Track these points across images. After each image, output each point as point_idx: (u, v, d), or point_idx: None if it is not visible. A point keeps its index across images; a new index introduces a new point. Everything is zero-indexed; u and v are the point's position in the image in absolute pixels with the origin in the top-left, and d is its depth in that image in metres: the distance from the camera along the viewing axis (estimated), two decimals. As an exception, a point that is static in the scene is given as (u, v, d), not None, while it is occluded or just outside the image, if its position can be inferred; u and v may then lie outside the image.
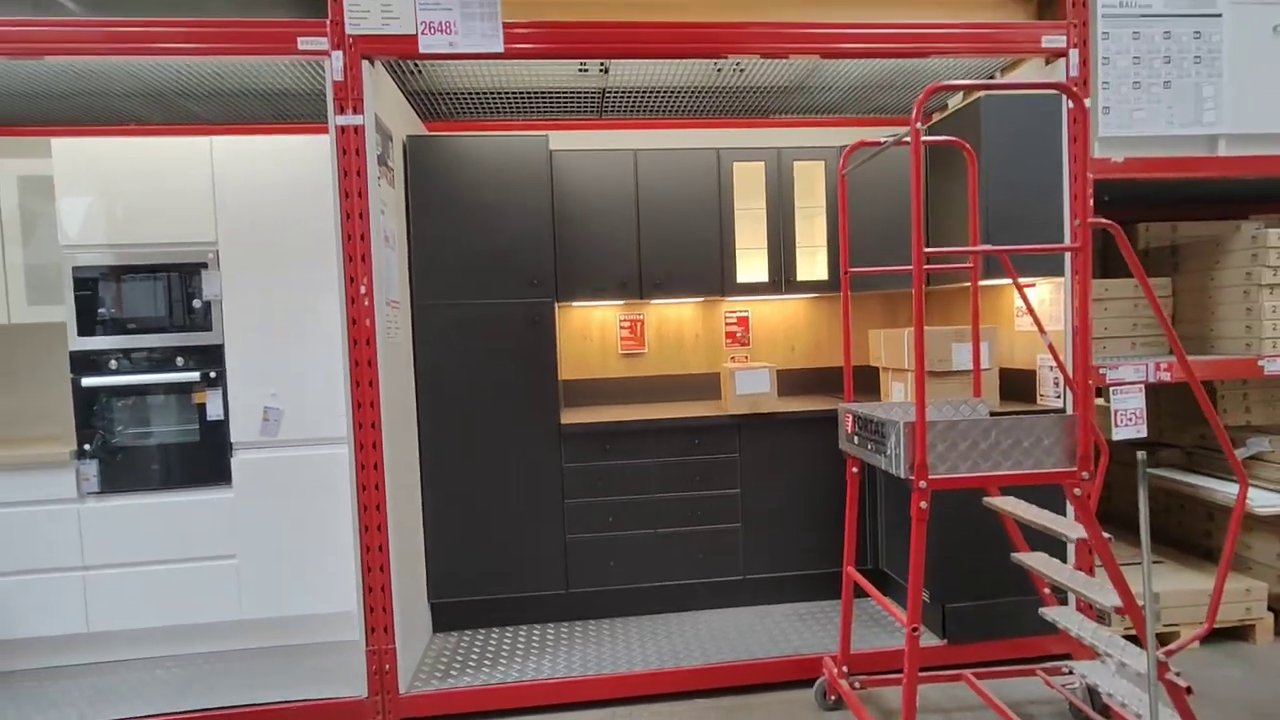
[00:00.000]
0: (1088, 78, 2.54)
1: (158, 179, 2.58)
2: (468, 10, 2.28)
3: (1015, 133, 2.63)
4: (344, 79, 2.24)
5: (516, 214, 2.71)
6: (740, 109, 3.25)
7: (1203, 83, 2.66)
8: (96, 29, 2.17)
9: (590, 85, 2.84)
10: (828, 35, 2.45)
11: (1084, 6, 2.54)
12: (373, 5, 2.25)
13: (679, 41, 2.40)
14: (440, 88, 2.79)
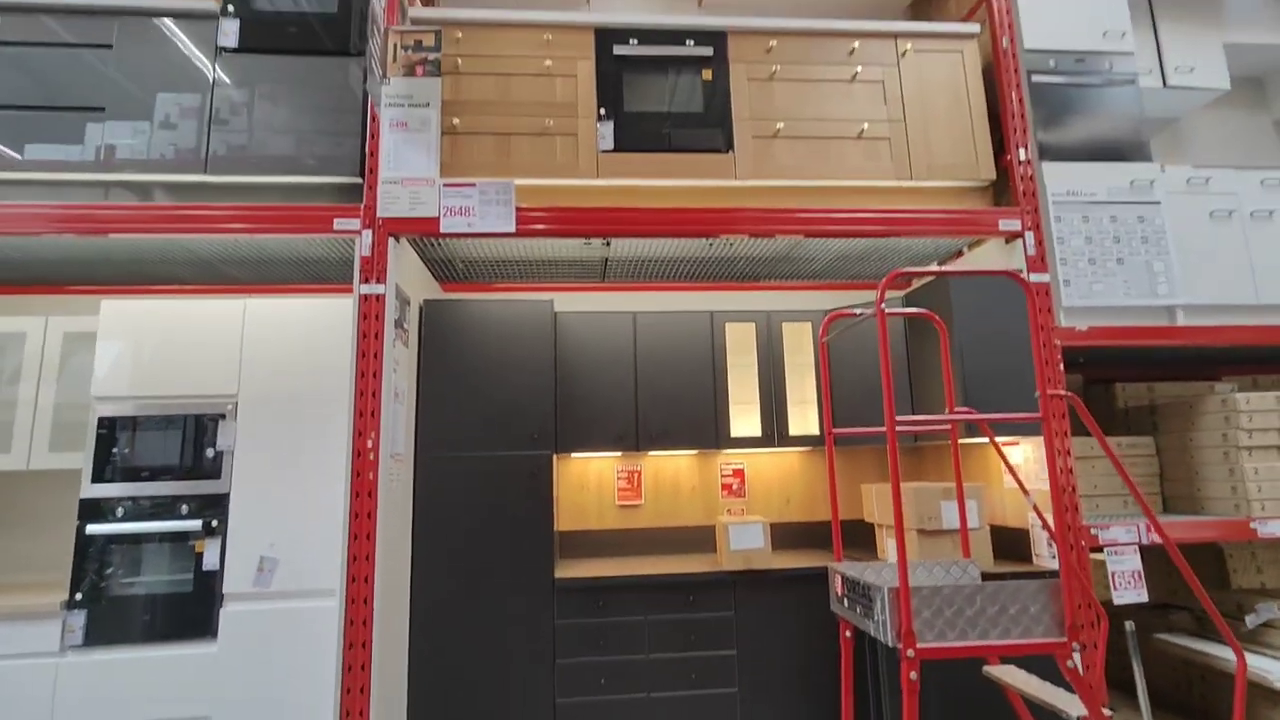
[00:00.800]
0: (1044, 255, 2.81)
1: (191, 337, 2.80)
2: (485, 198, 2.60)
3: (985, 300, 2.86)
4: (371, 254, 2.51)
5: (521, 371, 2.90)
6: (731, 275, 3.54)
7: (1152, 260, 2.92)
8: (159, 212, 2.48)
9: (594, 255, 3.14)
10: (809, 219, 2.76)
11: (1034, 196, 2.86)
12: (403, 193, 2.57)
13: (674, 224, 2.70)
14: (458, 256, 3.08)
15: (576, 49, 2.82)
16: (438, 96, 2.65)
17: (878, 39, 2.98)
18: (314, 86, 2.64)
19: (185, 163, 2.56)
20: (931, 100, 2.95)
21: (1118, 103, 3.05)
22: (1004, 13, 2.99)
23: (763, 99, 2.87)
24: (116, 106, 2.59)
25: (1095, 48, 3.08)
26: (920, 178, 2.87)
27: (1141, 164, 2.98)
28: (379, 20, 2.52)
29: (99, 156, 2.54)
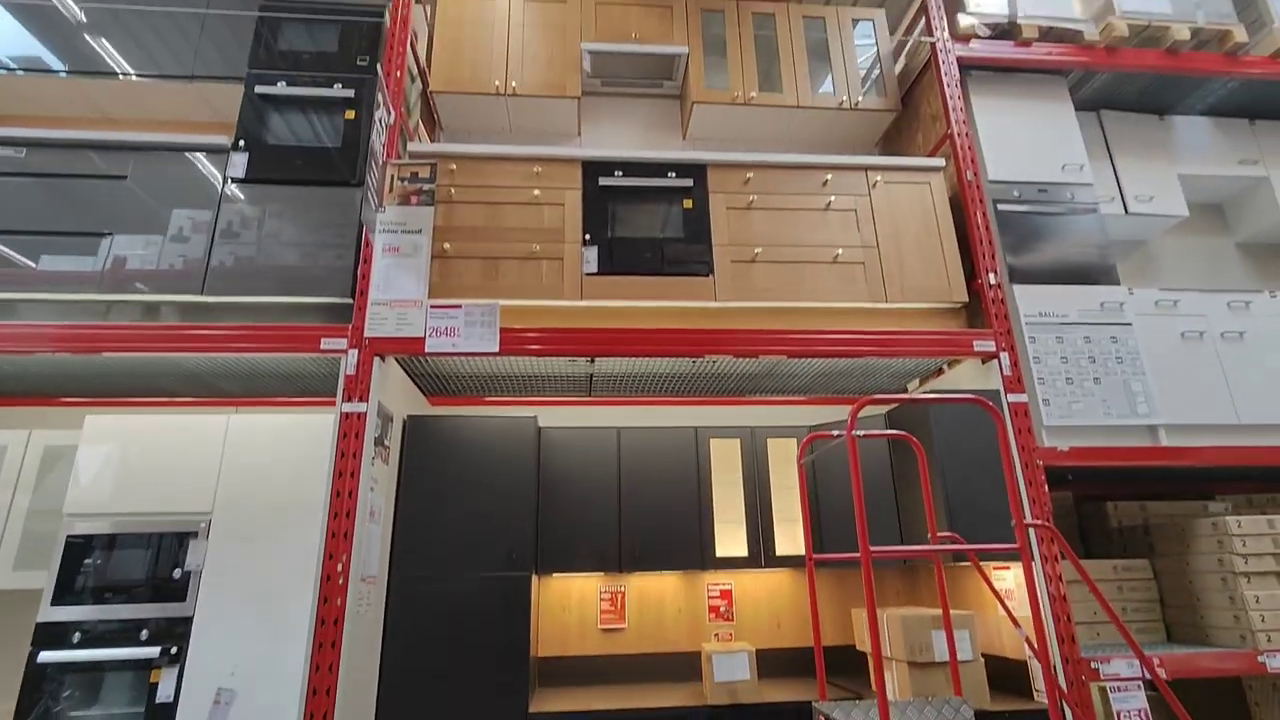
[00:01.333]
0: (1020, 376, 2.86)
1: (171, 452, 2.80)
2: (470, 319, 2.68)
3: (966, 418, 2.88)
4: (355, 373, 2.56)
5: (502, 489, 2.88)
6: (716, 390, 3.58)
7: (1129, 379, 2.97)
8: (153, 332, 2.56)
9: (580, 372, 3.20)
10: (790, 340, 2.83)
11: (1006, 318, 2.95)
12: (390, 314, 2.66)
13: (657, 345, 2.77)
14: (443, 372, 3.13)
15: (564, 180, 3.01)
16: (430, 223, 2.79)
17: (849, 171, 3.17)
18: (314, 213, 2.78)
19: (191, 274, 2.66)
20: (903, 227, 3.10)
21: (1082, 229, 3.20)
22: (966, 149, 3.20)
23: (741, 226, 3.02)
24: (131, 224, 2.73)
25: (1056, 179, 3.28)
26: (895, 300, 2.97)
27: (1110, 287, 3.09)
28: (378, 155, 2.70)
29: (104, 267, 2.65)
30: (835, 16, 3.83)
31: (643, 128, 3.93)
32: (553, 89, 3.50)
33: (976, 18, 3.40)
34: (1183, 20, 3.43)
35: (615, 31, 3.63)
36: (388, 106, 2.84)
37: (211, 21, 3.23)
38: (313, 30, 3.11)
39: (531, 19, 3.63)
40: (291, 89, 2.95)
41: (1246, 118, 3.85)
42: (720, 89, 3.61)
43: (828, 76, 3.70)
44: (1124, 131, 3.71)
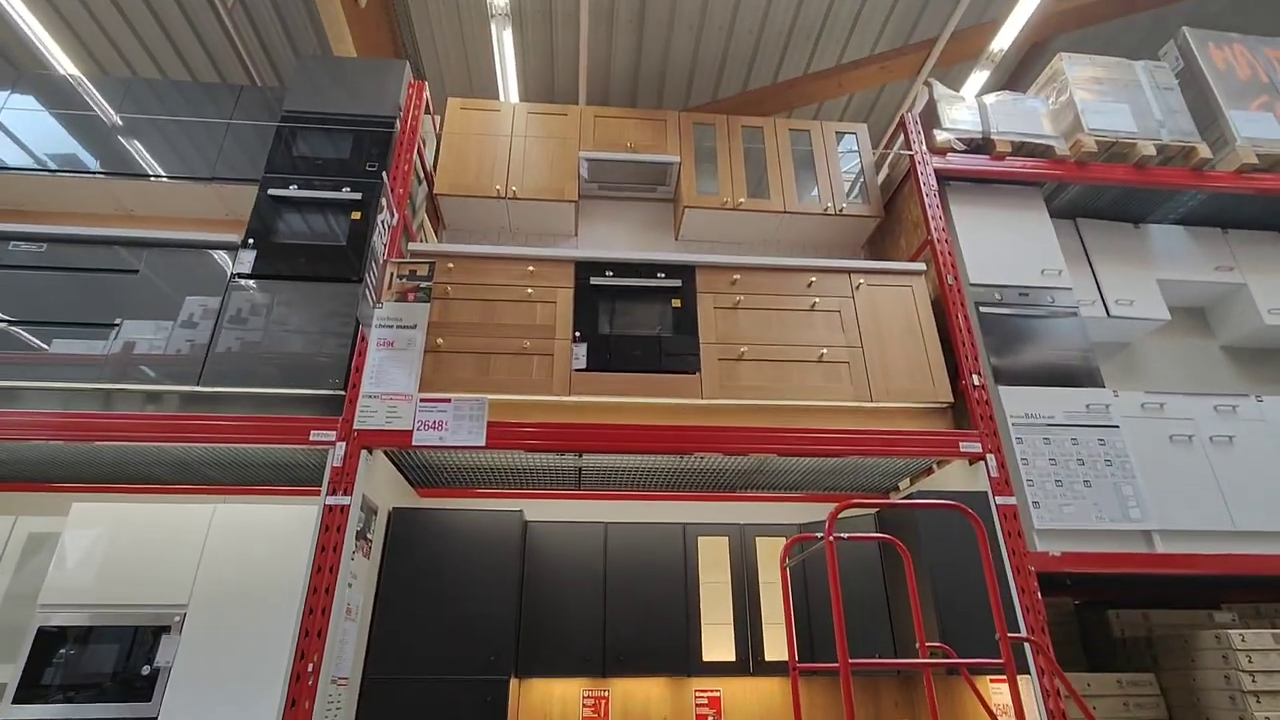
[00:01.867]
0: (1008, 478, 2.85)
1: (154, 543, 2.79)
2: (459, 413, 2.73)
3: (955, 521, 2.85)
4: (342, 465, 2.59)
5: (484, 587, 2.83)
6: (705, 486, 3.57)
7: (1120, 483, 2.95)
8: (147, 422, 2.61)
9: (568, 465, 3.21)
10: (779, 439, 2.86)
11: (991, 420, 2.97)
12: (380, 407, 2.71)
13: (644, 441, 2.79)
14: (432, 464, 3.15)
15: (558, 278, 3.13)
16: (425, 319, 2.89)
17: (833, 274, 3.29)
18: (315, 307, 2.89)
19: (193, 361, 2.74)
20: (886, 328, 3.18)
21: (1064, 332, 3.28)
22: (946, 254, 3.33)
23: (728, 325, 3.11)
24: (144, 310, 2.84)
25: (1036, 283, 3.38)
26: (880, 399, 3.01)
27: (1095, 389, 3.13)
28: (379, 255, 2.84)
29: (110, 352, 2.73)
30: (820, 130, 4.08)
31: (637, 228, 4.11)
32: (552, 193, 3.70)
33: (952, 133, 3.61)
34: (1148, 138, 3.63)
35: (612, 141, 3.87)
36: (391, 209, 3.00)
37: (234, 128, 3.47)
38: (328, 138, 3.33)
39: (534, 129, 3.88)
40: (302, 192, 3.13)
41: (1219, 227, 4.00)
42: (711, 195, 3.80)
43: (813, 184, 3.90)
44: (1101, 239, 3.85)
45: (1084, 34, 5.31)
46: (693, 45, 5.20)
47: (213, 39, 5.09)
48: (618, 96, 5.66)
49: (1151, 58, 4.12)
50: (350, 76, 3.51)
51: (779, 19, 5.05)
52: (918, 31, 5.20)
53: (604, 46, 5.21)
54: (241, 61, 5.13)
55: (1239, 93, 3.82)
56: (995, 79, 5.69)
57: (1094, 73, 3.81)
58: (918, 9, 5.05)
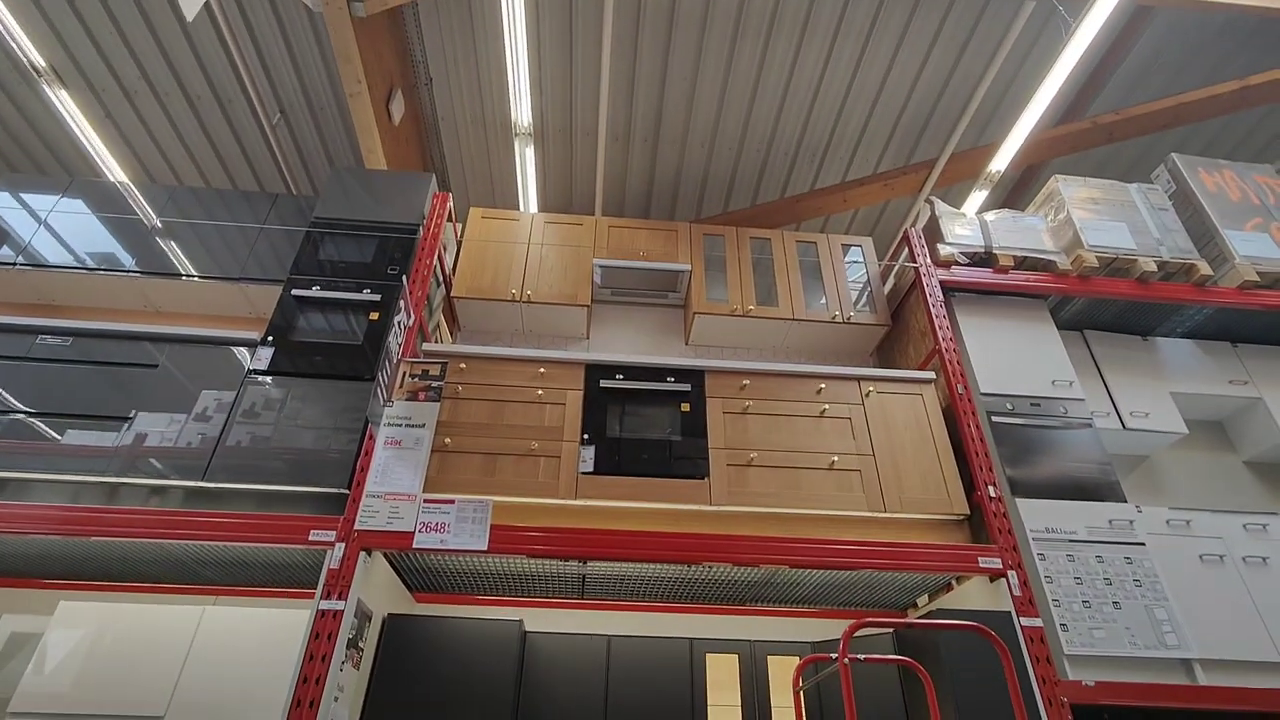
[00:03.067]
0: (1032, 597, 2.71)
1: (138, 645, 2.68)
2: (462, 515, 2.67)
3: (980, 646, 2.68)
4: (339, 568, 2.51)
5: (478, 703, 2.66)
6: (714, 597, 3.42)
7: (1152, 605, 2.80)
8: (144, 517, 2.57)
9: (571, 572, 3.10)
10: (790, 550, 2.76)
11: (1010, 533, 2.87)
12: (383, 507, 2.66)
13: (651, 549, 2.71)
14: (432, 568, 3.05)
15: (568, 381, 3.15)
16: (434, 419, 2.90)
17: (842, 381, 3.30)
18: (328, 404, 2.91)
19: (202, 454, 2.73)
20: (898, 436, 3.15)
21: (1079, 443, 3.22)
22: (955, 363, 3.34)
23: (737, 430, 3.09)
24: (160, 403, 2.87)
25: (1047, 393, 3.37)
26: (894, 509, 2.93)
27: (1116, 504, 3.03)
28: (393, 355, 2.89)
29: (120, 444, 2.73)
30: (826, 242, 4.22)
31: (648, 332, 4.18)
32: (565, 298, 3.80)
33: (955, 247, 3.72)
34: (1148, 254, 3.72)
35: (625, 250, 4.02)
36: (408, 311, 3.08)
37: (267, 232, 3.65)
38: (353, 243, 3.48)
39: (550, 237, 4.04)
40: (324, 292, 3.24)
41: (1228, 341, 4.01)
42: (720, 301, 3.89)
43: (821, 293, 3.99)
44: (1110, 351, 3.86)
45: (1077, 158, 5.57)
46: (704, 161, 5.50)
47: (256, 151, 5.46)
48: (632, 208, 5.93)
49: (1144, 180, 4.29)
50: (379, 187, 3.72)
51: (786, 139, 5.35)
52: (918, 152, 5.48)
53: (620, 162, 5.52)
54: (280, 172, 5.47)
55: (1232, 214, 3.95)
56: (994, 198, 5.93)
57: (1089, 193, 3.96)
58: (917, 132, 5.35)
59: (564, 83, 4.93)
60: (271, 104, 5.11)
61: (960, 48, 4.79)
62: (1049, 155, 5.14)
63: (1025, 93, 4.78)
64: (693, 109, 5.10)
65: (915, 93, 5.06)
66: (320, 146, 5.44)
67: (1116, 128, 4.95)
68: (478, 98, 5.05)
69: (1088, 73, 5.08)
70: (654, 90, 4.99)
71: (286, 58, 4.81)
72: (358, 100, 4.16)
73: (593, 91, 4.95)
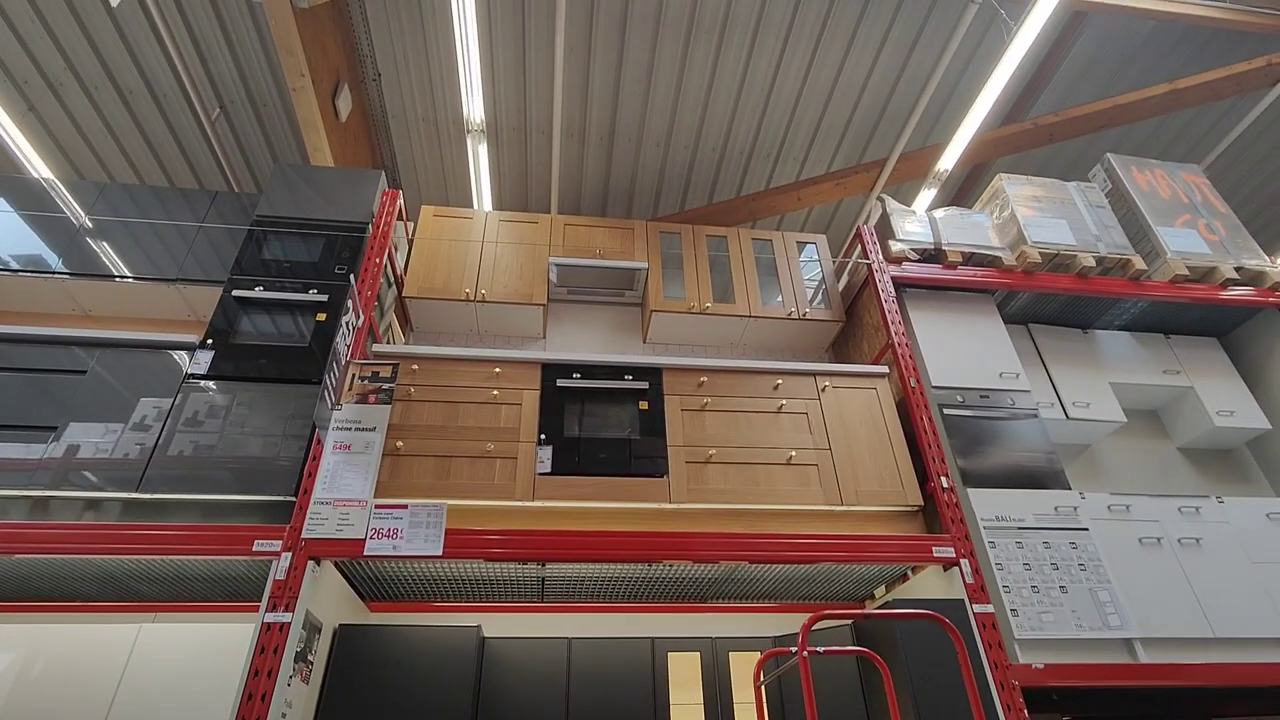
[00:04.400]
0: (984, 584, 2.78)
1: (70, 668, 2.53)
2: (416, 520, 2.60)
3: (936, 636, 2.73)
4: (286, 578, 2.42)
5: (435, 713, 2.59)
6: (675, 595, 3.41)
7: (1096, 588, 2.89)
8: (74, 532, 2.43)
9: (530, 575, 3.05)
10: (750, 545, 2.77)
11: (963, 522, 2.93)
12: (332, 514, 2.57)
13: (611, 548, 2.69)
14: (385, 575, 2.97)
15: (523, 380, 3.10)
16: (385, 422, 2.82)
17: (799, 376, 3.33)
18: (274, 409, 2.80)
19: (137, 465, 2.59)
20: (853, 431, 3.19)
21: (1026, 434, 3.32)
22: (907, 357, 3.41)
23: (695, 427, 3.09)
24: (94, 412, 2.71)
25: (995, 385, 3.46)
26: (850, 502, 2.96)
27: (1061, 491, 3.13)
28: (341, 356, 2.79)
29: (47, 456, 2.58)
30: (781, 240, 4.26)
31: (605, 331, 4.15)
32: (521, 297, 3.74)
33: (906, 244, 3.79)
34: (1087, 250, 3.85)
35: (581, 248, 3.98)
36: (357, 312, 2.99)
37: (207, 231, 3.49)
38: (298, 242, 3.36)
39: (505, 236, 3.98)
40: (267, 293, 3.11)
41: (1162, 333, 4.19)
42: (677, 299, 3.89)
43: (777, 291, 4.03)
44: (1053, 343, 3.99)
45: (1020, 157, 5.76)
46: (660, 160, 5.50)
47: (194, 147, 5.23)
48: (589, 207, 5.89)
49: (1082, 179, 4.45)
50: (326, 183, 3.60)
51: (741, 138, 5.39)
52: (869, 152, 5.58)
53: (576, 160, 5.48)
54: (221, 169, 5.26)
55: (1163, 211, 4.13)
56: (942, 195, 6.08)
57: (1032, 191, 4.09)
58: (868, 132, 5.45)
59: (517, 79, 4.86)
60: (210, 98, 4.91)
61: (908, 49, 4.90)
62: (993, 155, 5.30)
63: (970, 94, 4.91)
64: (648, 107, 5.09)
65: (866, 94, 5.16)
66: (263, 143, 5.25)
67: (1056, 128, 5.13)
68: (429, 94, 4.94)
69: (1029, 76, 5.26)
70: (609, 88, 4.96)
71: (225, 50, 4.62)
72: (302, 95, 4.03)
73: (547, 88, 4.90)
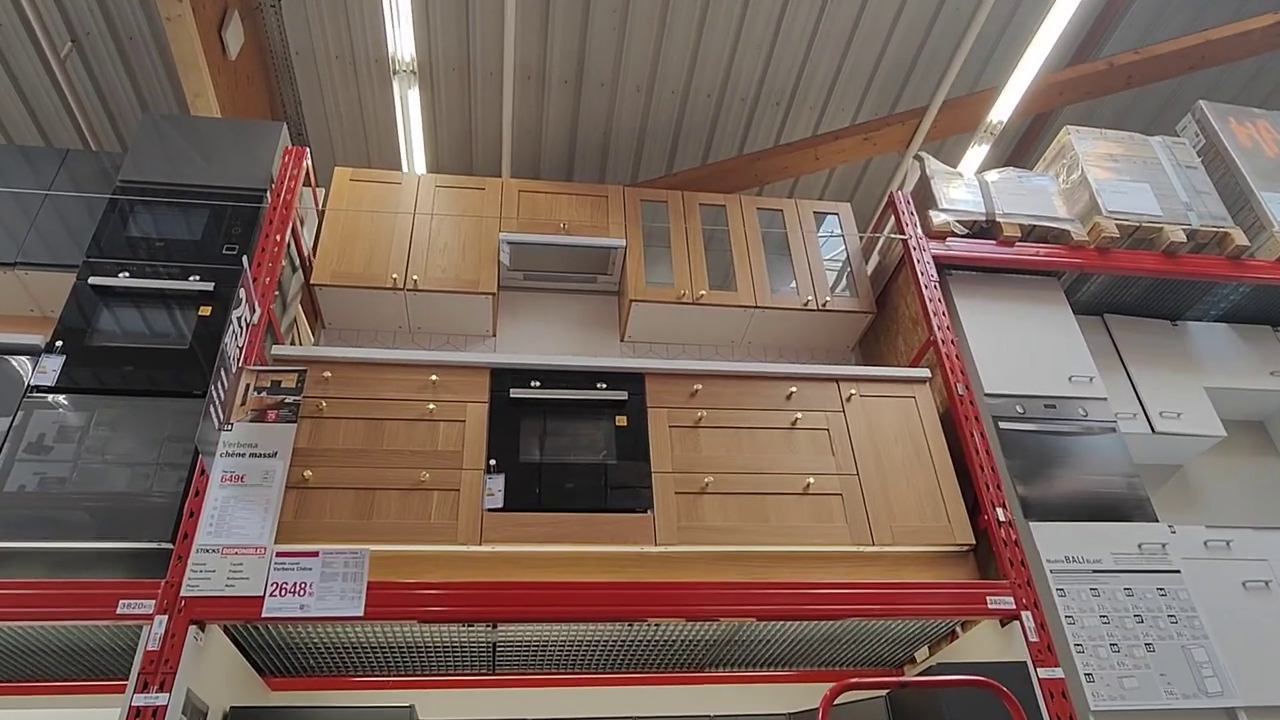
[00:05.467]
0: (1050, 643, 2.81)
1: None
2: (330, 571, 2.59)
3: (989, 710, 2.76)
4: (160, 648, 2.38)
5: (354, 818, 2.58)
6: (663, 664, 3.42)
7: (1190, 645, 2.94)
8: (-120, 592, 2.38)
9: (478, 640, 3.04)
10: (758, 597, 2.78)
11: (1024, 565, 2.97)
12: (220, 565, 2.55)
13: (580, 604, 2.69)
14: (290, 643, 2.94)
15: (468, 391, 3.10)
16: (289, 445, 2.80)
17: (818, 382, 3.36)
18: (138, 431, 2.77)
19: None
20: (886, 451, 3.22)
21: (1102, 452, 3.37)
22: (953, 357, 3.45)
23: (687, 448, 3.10)
24: None
25: (1064, 393, 3.51)
26: (883, 542, 2.99)
27: (1146, 524, 3.18)
28: (231, 361, 2.77)
29: None
30: (795, 210, 4.29)
31: (571, 327, 4.16)
32: (463, 284, 3.74)
33: (950, 214, 3.84)
34: (1175, 221, 3.93)
35: (541, 221, 3.98)
36: (252, 303, 2.97)
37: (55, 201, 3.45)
38: (175, 214, 3.33)
39: (443, 206, 3.97)
40: (135, 280, 3.09)
41: (1269, 324, 4.27)
42: (664, 286, 3.91)
43: (790, 274, 4.05)
44: (1136, 339, 4.06)
45: (1092, 106, 5.85)
46: (641, 110, 5.52)
47: (36, 93, 5.17)
48: (551, 168, 5.90)
49: (1169, 133, 4.53)
50: (211, 139, 3.58)
51: (743, 82, 5.43)
52: (904, 99, 5.64)
53: (533, 110, 5.48)
54: (74, 121, 5.19)
55: (1270, 173, 4.21)
56: (996, 154, 6.17)
57: (1107, 148, 4.16)
58: (903, 74, 5.52)
59: (458, 4, 4.85)
60: (59, 30, 4.84)
61: (952, -30, 4.97)
62: (1059, 103, 5.38)
63: (1030, 25, 4.99)
64: (625, 41, 5.11)
65: (900, 23, 5.21)
66: (129, 87, 5.20)
67: (1135, 69, 5.22)
68: (343, 24, 4.92)
69: (1101, 2, 5.35)
70: (575, 16, 4.97)
71: (79, -33, 4.58)
72: (179, 26, 3.99)
73: (496, 17, 4.90)
